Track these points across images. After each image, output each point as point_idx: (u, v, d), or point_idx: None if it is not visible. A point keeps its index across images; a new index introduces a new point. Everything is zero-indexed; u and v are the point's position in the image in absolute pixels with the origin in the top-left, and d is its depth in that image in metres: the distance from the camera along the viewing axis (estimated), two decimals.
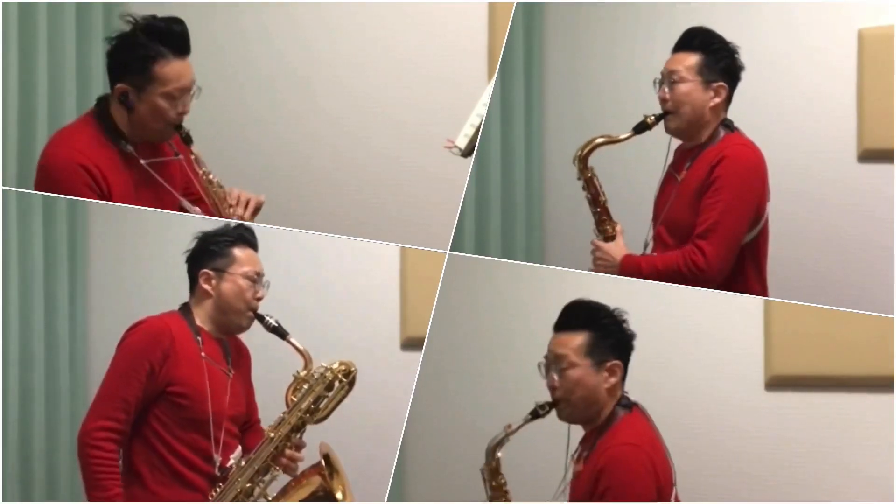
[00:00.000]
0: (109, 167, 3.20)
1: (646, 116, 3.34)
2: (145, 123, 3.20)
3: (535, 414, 3.05)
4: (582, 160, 3.38)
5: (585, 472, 3.01)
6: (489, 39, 3.95)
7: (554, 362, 3.05)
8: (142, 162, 3.25)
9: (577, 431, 3.12)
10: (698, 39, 3.31)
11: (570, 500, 3.05)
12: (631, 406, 3.06)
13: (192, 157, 3.28)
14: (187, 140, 3.25)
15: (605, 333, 3.05)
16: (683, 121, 3.33)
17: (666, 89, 3.32)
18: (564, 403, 3.04)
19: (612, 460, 2.95)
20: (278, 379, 3.23)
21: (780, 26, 3.83)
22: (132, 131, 3.23)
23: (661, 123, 3.34)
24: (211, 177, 3.31)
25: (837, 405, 3.64)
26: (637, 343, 3.13)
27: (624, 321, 3.07)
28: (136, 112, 3.19)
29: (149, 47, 3.14)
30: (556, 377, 3.04)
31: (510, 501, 3.11)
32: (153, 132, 3.23)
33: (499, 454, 3.08)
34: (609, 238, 3.40)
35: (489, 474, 3.10)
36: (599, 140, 3.37)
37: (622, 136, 3.36)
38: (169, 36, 3.16)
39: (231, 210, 3.32)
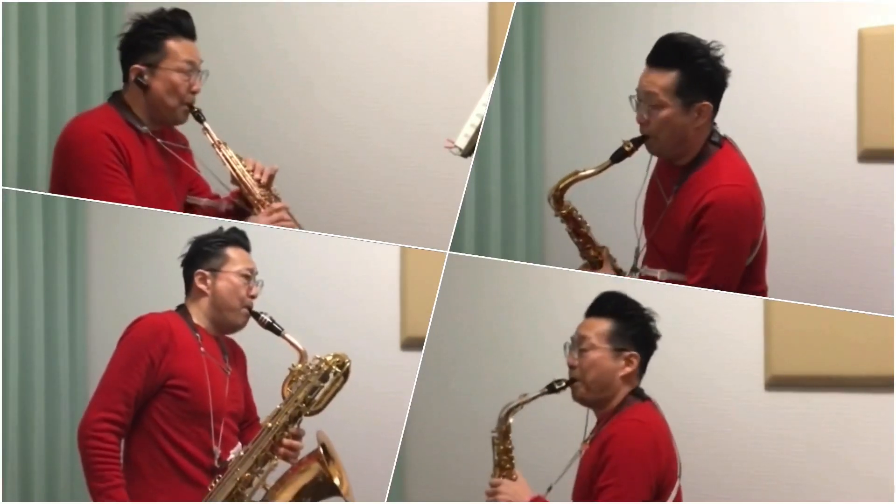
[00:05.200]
0: (130, 145, 3.30)
1: (624, 143, 3.17)
2: (161, 101, 3.32)
3: (552, 388, 3.11)
4: (556, 198, 3.26)
5: (592, 450, 3.05)
6: (489, 39, 3.95)
7: (577, 342, 3.11)
8: (158, 141, 3.36)
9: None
10: (673, 53, 3.08)
11: (577, 480, 3.09)
12: (645, 399, 3.11)
13: (205, 130, 3.37)
14: (200, 118, 3.35)
15: (629, 325, 3.09)
16: (665, 146, 3.16)
17: (643, 114, 3.13)
18: (579, 383, 3.10)
19: (618, 431, 3.00)
20: (274, 380, 3.24)
21: (780, 26, 3.83)
22: (148, 113, 3.34)
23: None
24: (226, 145, 3.40)
25: (837, 405, 3.64)
26: None
27: (651, 320, 3.12)
28: (151, 90, 3.31)
29: (160, 27, 3.31)
30: (575, 356, 3.10)
31: (514, 468, 3.14)
32: (168, 111, 3.34)
33: (510, 420, 3.13)
34: (595, 264, 3.32)
35: (499, 438, 3.14)
36: (580, 174, 3.22)
37: (591, 171, 3.19)
38: (177, 23, 3.33)
39: (250, 174, 3.41)
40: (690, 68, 3.08)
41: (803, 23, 3.84)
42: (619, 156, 3.18)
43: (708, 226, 3.09)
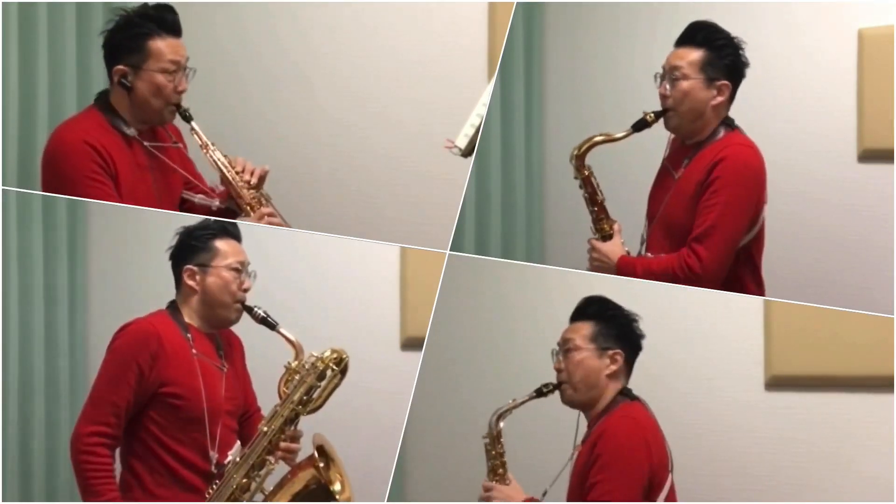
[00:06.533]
0: (115, 149, 3.24)
1: (645, 114, 3.28)
2: (146, 102, 3.26)
3: (540, 392, 3.17)
4: (579, 158, 3.33)
5: (584, 450, 3.08)
6: (489, 39, 3.95)
7: (562, 346, 3.16)
8: (145, 144, 3.30)
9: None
10: (702, 34, 3.25)
11: (570, 483, 3.11)
12: (634, 398, 3.13)
13: (193, 130, 3.32)
14: (187, 118, 3.30)
15: (612, 325, 3.14)
16: (683, 119, 3.27)
17: (667, 85, 3.26)
18: (567, 385, 3.14)
19: (608, 429, 3.05)
20: (270, 373, 3.22)
21: (780, 26, 3.83)
22: (133, 115, 3.28)
23: (661, 120, 3.29)
24: (214, 147, 3.35)
25: (837, 405, 3.64)
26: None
27: (634, 320, 3.16)
28: (135, 92, 3.25)
29: (143, 26, 3.23)
30: (561, 359, 3.15)
31: (506, 472, 3.19)
32: (154, 112, 3.28)
33: (501, 425, 3.18)
34: (606, 237, 3.36)
35: (491, 443, 3.19)
36: (598, 138, 3.32)
37: (620, 135, 3.30)
38: (161, 19, 3.25)
39: (239, 176, 3.36)
40: (717, 48, 3.25)
41: (803, 23, 3.84)
42: (640, 125, 3.30)
43: (720, 176, 3.19)
